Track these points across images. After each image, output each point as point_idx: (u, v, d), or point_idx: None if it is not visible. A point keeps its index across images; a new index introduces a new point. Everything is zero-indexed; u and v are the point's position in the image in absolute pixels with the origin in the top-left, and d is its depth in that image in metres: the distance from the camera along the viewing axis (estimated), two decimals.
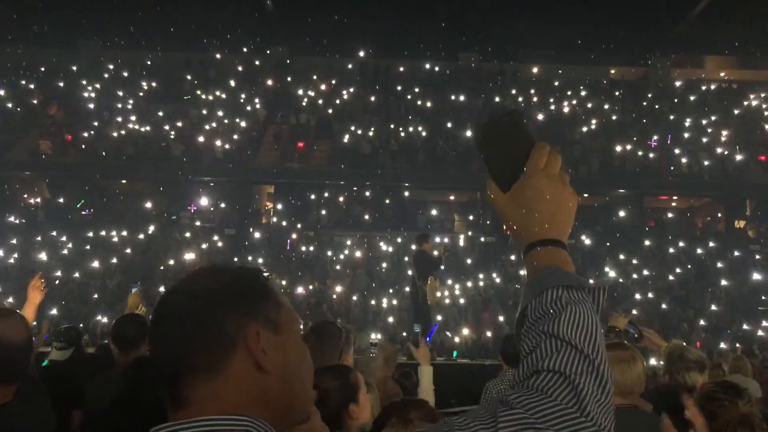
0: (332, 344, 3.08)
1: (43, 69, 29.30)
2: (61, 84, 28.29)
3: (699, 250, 22.99)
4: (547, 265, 1.11)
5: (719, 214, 27.45)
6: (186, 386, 1.01)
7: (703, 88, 31.27)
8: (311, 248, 22.52)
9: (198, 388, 1.01)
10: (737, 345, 13.90)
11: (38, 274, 4.41)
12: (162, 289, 19.03)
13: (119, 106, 26.82)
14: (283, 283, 19.67)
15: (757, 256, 22.29)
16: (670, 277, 21.31)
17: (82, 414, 3.19)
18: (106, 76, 28.91)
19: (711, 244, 23.33)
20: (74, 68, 29.21)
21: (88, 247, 21.31)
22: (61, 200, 24.49)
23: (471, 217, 26.25)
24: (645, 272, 21.60)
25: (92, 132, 25.58)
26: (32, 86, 27.98)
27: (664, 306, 19.51)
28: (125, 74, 29.25)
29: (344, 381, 2.45)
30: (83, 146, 25.13)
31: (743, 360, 6.52)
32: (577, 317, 1.02)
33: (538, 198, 1.13)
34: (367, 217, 25.02)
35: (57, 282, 18.98)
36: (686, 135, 27.17)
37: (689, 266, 22.06)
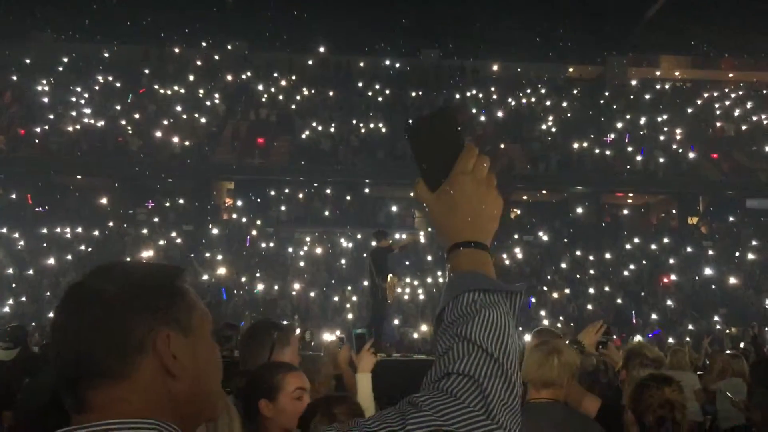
0: (260, 342, 3.05)
1: None
2: (14, 77, 27.58)
3: (653, 246, 23.45)
4: (467, 267, 1.11)
5: (673, 211, 28.03)
6: (89, 390, 0.98)
7: (658, 87, 31.92)
8: (271, 245, 22.39)
9: (102, 392, 0.98)
10: (687, 339, 14.22)
11: None
12: None
13: (73, 100, 26.26)
14: (243, 279, 19.54)
15: (710, 252, 22.82)
16: (625, 273, 21.71)
17: (14, 414, 3.12)
18: (60, 69, 28.30)
19: (665, 240, 23.81)
20: (27, 61, 28.52)
21: (44, 244, 20.84)
22: (14, 196, 23.90)
23: None
24: (600, 268, 21.99)
25: (46, 127, 25.02)
26: None
27: (619, 301, 19.87)
28: (80, 68, 28.65)
29: (256, 378, 2.45)
30: (36, 141, 24.56)
31: (681, 353, 6.69)
32: (490, 321, 1.03)
33: (463, 199, 1.13)
34: (327, 213, 24.96)
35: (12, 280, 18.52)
36: (641, 133, 27.69)
37: (644, 262, 22.49)
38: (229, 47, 30.94)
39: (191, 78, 28.63)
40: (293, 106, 27.94)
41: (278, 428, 2.41)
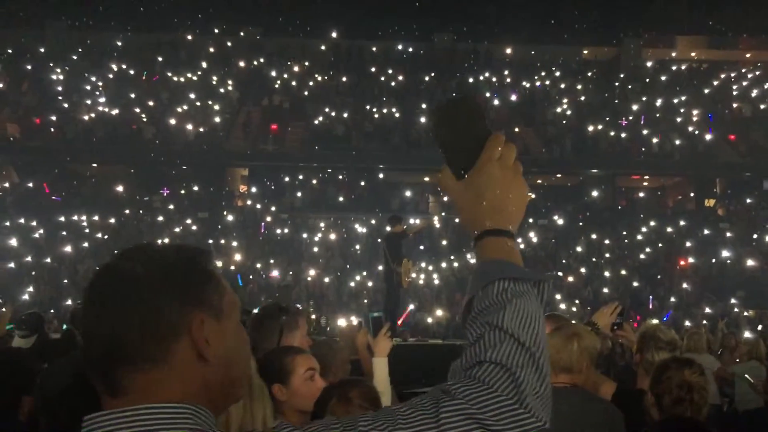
0: (269, 327, 3.05)
1: (10, 51, 28.70)
2: (29, 66, 27.74)
3: (669, 229, 23.30)
4: (496, 255, 1.12)
5: (691, 194, 27.79)
6: (123, 375, 0.98)
7: (674, 68, 31.54)
8: (285, 231, 22.45)
9: (137, 377, 0.98)
10: (703, 322, 14.15)
11: None
12: None
13: (88, 88, 26.38)
14: (258, 266, 19.63)
15: (727, 234, 22.63)
16: (641, 256, 21.59)
17: (34, 400, 3.15)
18: (75, 57, 28.41)
19: (681, 222, 23.64)
20: (42, 50, 28.65)
21: (63, 232, 21.00)
22: (30, 185, 24.11)
23: (445, 199, 26.27)
24: (616, 251, 21.88)
25: (61, 115, 25.16)
26: None
27: (635, 284, 19.78)
28: (94, 56, 28.75)
29: (266, 364, 2.45)
30: (52, 129, 24.72)
31: (698, 335, 6.65)
32: (521, 310, 1.04)
33: (490, 187, 1.13)
34: (341, 199, 24.97)
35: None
36: (657, 115, 27.43)
37: (660, 244, 22.35)
38: (241, 33, 30.89)
39: (204, 65, 28.64)
40: (306, 92, 27.90)
41: (293, 411, 2.43)
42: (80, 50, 28.93)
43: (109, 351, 0.98)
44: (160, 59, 28.86)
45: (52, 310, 15.88)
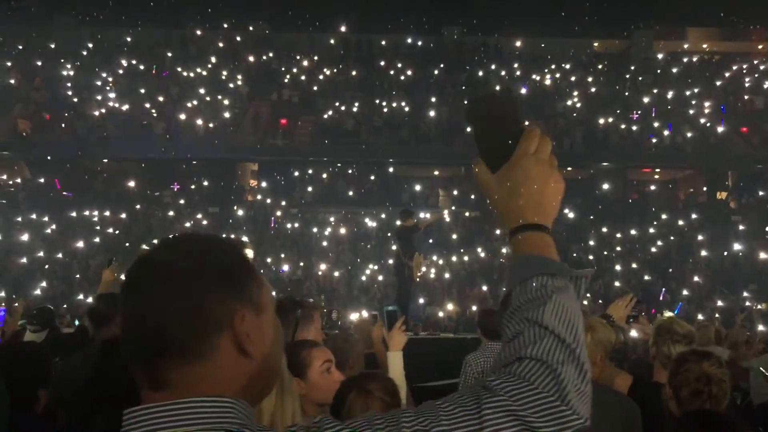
0: (283, 321, 3.05)
1: (20, 47, 28.80)
2: (39, 62, 27.84)
3: (681, 222, 23.17)
4: (533, 250, 1.11)
5: (702, 187, 27.63)
6: (167, 368, 0.98)
7: (686, 60, 31.32)
8: (295, 225, 22.48)
9: (180, 371, 0.98)
10: (716, 315, 14.07)
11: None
12: None
13: (99, 83, 26.45)
14: (268, 260, 19.66)
15: (741, 227, 22.48)
16: (653, 249, 21.49)
17: (51, 393, 3.17)
18: (85, 53, 28.49)
19: (693, 215, 23.51)
20: (52, 46, 28.75)
21: (75, 228, 21.09)
22: (42, 180, 24.23)
23: (455, 192, 26.26)
24: (627, 244, 21.79)
25: (72, 111, 25.25)
26: (9, 64, 27.49)
27: (646, 277, 19.69)
28: (104, 52, 28.82)
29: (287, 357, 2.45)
30: (63, 125, 24.81)
31: (707, 328, 6.62)
32: (561, 306, 1.03)
33: (526, 181, 1.13)
34: (351, 193, 24.97)
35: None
36: (669, 107, 27.25)
37: (671, 238, 22.24)
38: (250, 28, 30.89)
39: (213, 60, 28.66)
40: (315, 87, 27.88)
41: (312, 404, 2.43)
42: (90, 46, 29.01)
43: (153, 344, 0.99)
44: (169, 54, 28.91)
45: (65, 305, 15.99)
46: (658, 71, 30.17)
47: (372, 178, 25.85)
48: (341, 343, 3.32)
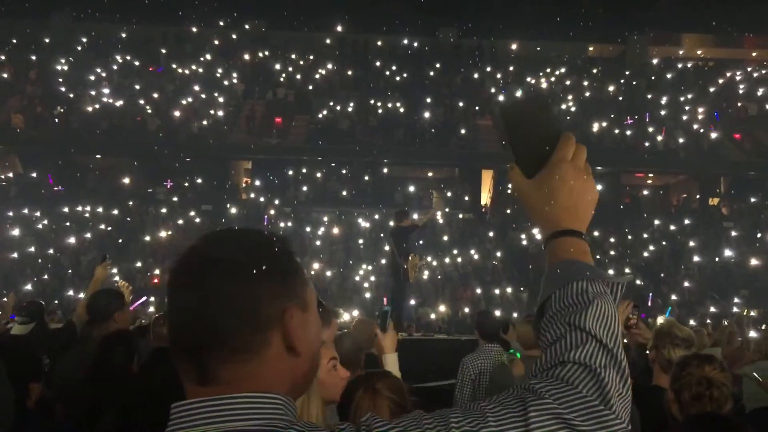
0: None
1: (14, 41, 28.66)
2: (33, 57, 27.71)
3: (673, 227, 23.26)
4: (570, 256, 1.13)
5: (695, 192, 27.73)
6: (218, 364, 0.97)
7: (680, 65, 31.46)
8: (289, 224, 22.45)
9: (231, 367, 0.98)
10: (707, 321, 14.12)
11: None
12: (139, 264, 18.93)
13: (93, 79, 26.35)
14: None
15: (733, 233, 22.59)
16: (645, 254, 21.56)
17: (47, 389, 3.17)
18: (80, 48, 28.38)
19: (685, 221, 23.60)
20: (47, 40, 28.62)
21: (67, 223, 20.99)
22: (34, 175, 24.11)
23: (449, 194, 26.29)
24: (619, 249, 21.86)
25: (66, 106, 25.14)
26: (3, 58, 27.35)
27: (638, 282, 19.75)
28: (99, 47, 28.71)
29: None
30: (56, 120, 24.70)
31: (700, 333, 6.66)
32: (602, 311, 1.05)
33: (564, 187, 1.15)
34: (344, 193, 24.95)
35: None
36: (663, 112, 27.37)
37: (664, 243, 22.33)
38: (246, 26, 30.84)
39: (209, 57, 28.60)
40: (311, 86, 27.86)
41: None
42: (85, 41, 28.89)
43: (205, 339, 0.98)
44: (164, 51, 28.83)
45: (56, 301, 15.92)
46: (653, 77, 30.30)
47: (366, 178, 25.84)
48: (349, 343, 3.32)
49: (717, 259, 21.15)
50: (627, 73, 30.43)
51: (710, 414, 2.55)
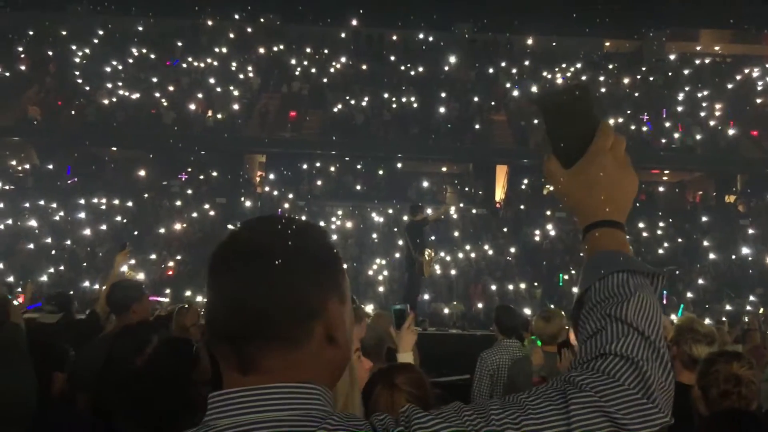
0: None
1: (31, 33, 28.84)
2: (50, 49, 27.86)
3: (689, 225, 23.09)
4: (609, 247, 1.12)
5: (711, 190, 27.51)
6: (263, 353, 0.97)
7: (698, 62, 31.17)
8: (302, 218, 22.43)
9: (275, 356, 0.97)
10: (722, 319, 14.02)
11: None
12: (153, 256, 19.03)
13: (109, 70, 26.48)
14: None
15: (750, 231, 22.39)
16: (660, 251, 21.42)
17: (68, 377, 3.20)
18: (96, 41, 28.51)
19: (701, 218, 23.43)
20: (63, 33, 28.78)
21: (83, 215, 21.10)
22: (51, 167, 24.28)
23: (467, 189, 26.24)
24: (635, 246, 21.71)
25: (82, 98, 25.29)
26: (20, 50, 27.53)
27: None
28: (115, 40, 28.83)
29: None
30: (73, 112, 24.85)
31: (720, 331, 6.62)
32: (644, 303, 1.03)
33: (603, 178, 1.13)
34: (358, 187, 24.96)
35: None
36: (679, 109, 27.15)
37: (679, 240, 22.18)
38: (261, 20, 30.88)
39: (224, 51, 28.65)
40: (325, 80, 27.85)
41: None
42: (101, 34, 29.02)
43: (251, 328, 0.97)
44: (180, 44, 28.91)
45: (71, 292, 15.99)
46: (670, 73, 30.04)
47: (380, 173, 25.82)
48: (376, 340, 3.31)
49: (733, 256, 20.98)
50: (644, 68, 30.20)
51: (737, 410, 2.53)
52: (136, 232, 20.55)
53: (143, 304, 4.52)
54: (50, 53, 27.65)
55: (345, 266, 1.09)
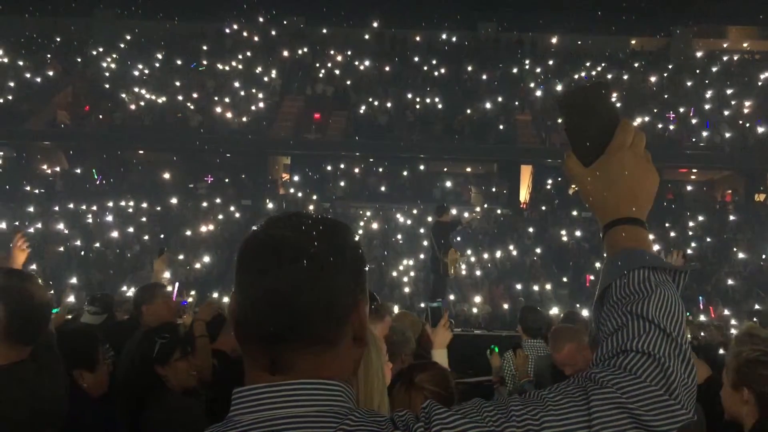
0: None
1: (59, 39, 29.29)
2: (77, 55, 28.28)
3: (717, 224, 22.77)
4: (631, 244, 1.12)
5: (740, 188, 27.08)
6: (296, 353, 0.98)
7: (726, 58, 30.70)
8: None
9: (307, 357, 0.98)
10: (754, 319, 13.81)
11: (19, 235, 4.21)
12: (181, 257, 19.20)
13: (136, 74, 26.80)
14: None
15: None
16: (688, 251, 21.13)
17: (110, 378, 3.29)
18: (123, 46, 28.87)
19: (730, 217, 23.09)
20: (90, 39, 29.18)
21: (111, 217, 21.34)
22: (79, 170, 24.63)
23: (493, 189, 26.12)
24: (663, 245, 21.45)
25: (110, 102, 25.62)
26: (48, 56, 27.96)
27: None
28: (142, 45, 29.16)
29: None
30: (101, 117, 25.18)
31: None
32: (665, 300, 1.03)
33: (623, 175, 1.14)
34: (383, 188, 24.97)
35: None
36: (707, 107, 26.77)
37: (708, 239, 21.88)
38: (285, 22, 31.03)
39: (248, 54, 28.84)
40: (349, 81, 27.91)
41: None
42: (128, 38, 29.37)
43: (290, 329, 0.97)
44: (205, 48, 29.16)
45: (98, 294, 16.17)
46: (697, 70, 29.64)
47: (404, 173, 25.81)
48: (399, 336, 3.31)
49: (764, 255, 20.64)
50: (671, 66, 29.82)
51: None
52: (162, 235, 20.75)
53: (154, 305, 4.58)
54: (78, 59, 28.05)
55: (369, 267, 1.10)
